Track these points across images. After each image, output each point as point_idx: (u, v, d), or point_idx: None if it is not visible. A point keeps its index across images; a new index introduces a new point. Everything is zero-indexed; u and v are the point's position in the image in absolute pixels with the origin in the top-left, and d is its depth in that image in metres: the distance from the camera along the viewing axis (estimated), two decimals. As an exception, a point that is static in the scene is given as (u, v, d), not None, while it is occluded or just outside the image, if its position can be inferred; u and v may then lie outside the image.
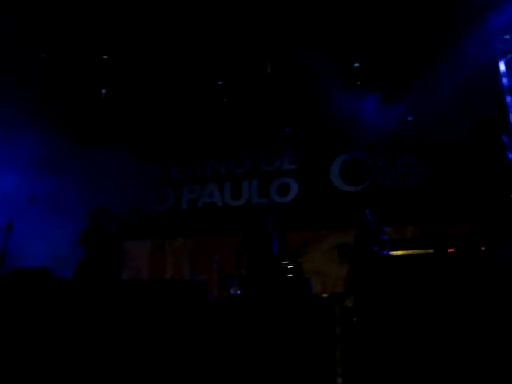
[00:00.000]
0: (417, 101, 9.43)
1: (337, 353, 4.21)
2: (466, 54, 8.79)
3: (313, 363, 4.22)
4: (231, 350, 4.48)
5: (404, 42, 8.80)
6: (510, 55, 8.95)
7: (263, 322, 4.62)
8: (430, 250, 6.60)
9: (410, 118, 9.85)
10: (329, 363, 4.19)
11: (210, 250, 9.48)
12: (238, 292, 7.42)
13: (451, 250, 6.46)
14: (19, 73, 8.98)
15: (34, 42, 8.88)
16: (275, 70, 9.99)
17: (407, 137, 9.78)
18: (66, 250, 8.09)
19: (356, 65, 9.73)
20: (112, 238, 7.51)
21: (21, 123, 9.19)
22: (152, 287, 4.87)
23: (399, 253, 6.78)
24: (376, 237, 7.47)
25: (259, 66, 9.97)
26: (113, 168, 10.02)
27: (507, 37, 8.79)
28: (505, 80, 9.07)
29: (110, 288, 5.08)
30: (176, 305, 4.56)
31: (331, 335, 4.30)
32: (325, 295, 5.75)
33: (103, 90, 10.45)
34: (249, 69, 10.00)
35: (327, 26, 8.96)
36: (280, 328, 4.52)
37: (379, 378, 4.02)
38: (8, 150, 9.22)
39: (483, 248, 6.39)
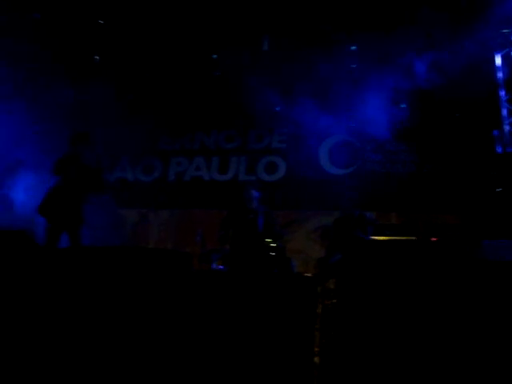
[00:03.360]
0: (411, 89, 9.43)
1: (316, 332, 4.24)
2: (461, 46, 8.81)
3: (291, 342, 4.26)
4: (212, 324, 4.50)
5: (402, 27, 8.77)
6: (507, 49, 8.97)
7: (244, 298, 4.64)
8: (413, 238, 6.66)
9: (402, 106, 9.85)
10: (307, 342, 4.23)
11: (195, 223, 9.51)
12: (220, 267, 7.44)
13: (434, 238, 6.52)
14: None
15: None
16: (271, 46, 9.97)
17: (399, 124, 9.77)
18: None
19: (353, 48, 9.72)
20: (86, 170, 6.96)
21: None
22: (135, 255, 4.85)
23: (382, 238, 6.83)
24: (359, 222, 7.51)
25: (255, 41, 9.95)
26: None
27: (505, 31, 8.81)
28: (500, 74, 9.11)
29: (91, 253, 5.05)
30: (159, 274, 4.56)
31: (311, 314, 4.34)
32: (307, 274, 5.78)
33: (96, 57, 10.38)
34: (244, 44, 9.96)
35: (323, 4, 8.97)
36: (260, 304, 4.55)
37: (357, 358, 4.07)
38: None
39: (466, 239, 6.46)
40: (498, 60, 9.13)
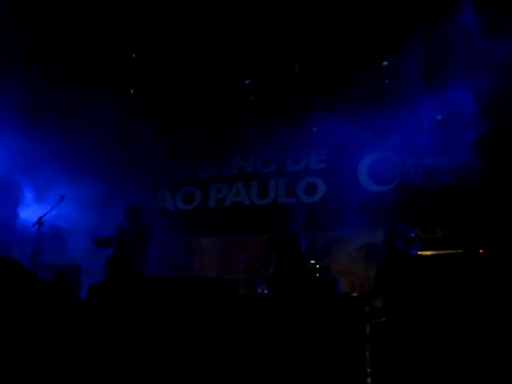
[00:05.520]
0: (445, 99, 9.33)
1: (366, 352, 4.18)
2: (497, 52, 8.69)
3: (342, 363, 4.20)
4: (259, 348, 4.47)
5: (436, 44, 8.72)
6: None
7: (292, 321, 4.61)
8: (460, 251, 6.55)
9: (438, 118, 9.74)
10: (358, 363, 4.17)
11: (237, 249, 9.50)
12: (266, 291, 7.40)
13: (481, 250, 6.39)
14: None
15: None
16: (302, 69, 9.99)
17: (436, 136, 9.65)
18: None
19: (384, 63, 9.68)
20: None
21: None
22: (179, 284, 4.86)
23: (428, 253, 6.74)
24: (403, 236, 7.41)
25: (287, 64, 9.98)
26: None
27: None
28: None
29: (136, 284, 5.09)
30: (205, 302, 4.55)
31: (361, 335, 4.28)
32: (354, 294, 5.72)
33: (131, 90, 10.54)
34: (276, 67, 10.01)
35: (354, 21, 8.95)
36: (309, 327, 4.50)
37: (409, 378, 3.98)
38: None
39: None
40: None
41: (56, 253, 9.24)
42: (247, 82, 10.49)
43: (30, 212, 9.36)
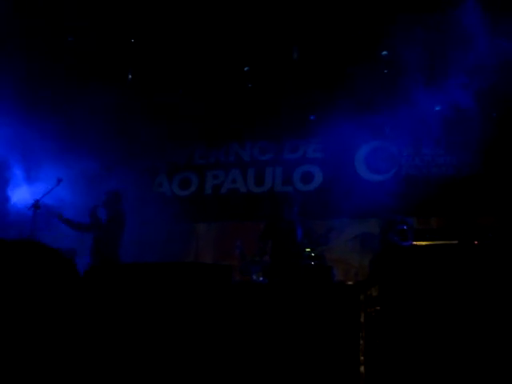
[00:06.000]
0: (444, 91, 9.32)
1: (360, 341, 4.20)
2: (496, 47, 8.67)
3: (336, 351, 4.22)
4: (254, 336, 4.49)
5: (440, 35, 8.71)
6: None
7: (286, 309, 4.62)
8: (455, 241, 6.58)
9: (437, 108, 9.74)
10: (352, 351, 4.19)
11: (233, 236, 9.51)
12: (261, 279, 7.44)
13: (476, 242, 6.43)
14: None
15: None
16: (301, 56, 9.97)
17: (434, 127, 9.65)
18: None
19: (384, 53, 9.66)
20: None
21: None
22: (175, 270, 4.87)
23: (423, 243, 6.76)
24: (397, 228, 7.43)
25: (286, 52, 9.96)
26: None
27: None
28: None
29: (131, 270, 5.08)
30: (200, 288, 4.56)
31: (355, 323, 4.30)
32: (349, 283, 5.75)
33: (129, 75, 10.51)
34: (275, 55, 9.98)
35: (355, 10, 8.93)
36: (303, 315, 4.52)
37: (402, 367, 4.01)
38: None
39: (509, 241, 6.35)
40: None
41: (50, 235, 9.21)
42: (246, 69, 10.47)
43: (22, 194, 9.30)
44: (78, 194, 9.22)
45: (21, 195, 9.37)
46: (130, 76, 10.51)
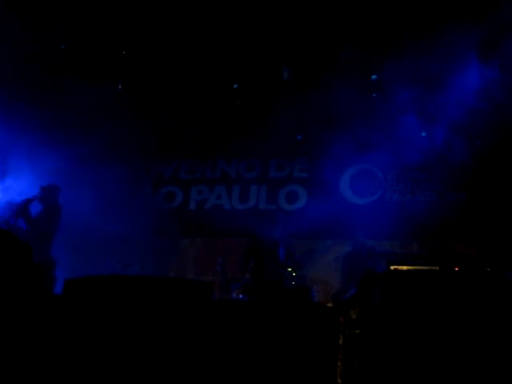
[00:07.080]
0: (430, 118, 9.43)
1: (338, 363, 4.20)
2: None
3: (314, 372, 4.21)
4: (232, 355, 4.46)
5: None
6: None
7: (264, 328, 4.61)
8: (436, 267, 6.61)
9: (423, 134, 9.83)
10: (330, 373, 4.18)
11: (215, 252, 9.49)
12: (240, 296, 7.42)
13: (457, 268, 6.46)
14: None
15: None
16: (291, 76, 10.03)
17: (419, 152, 9.72)
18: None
19: (373, 77, 9.74)
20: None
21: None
22: (156, 285, 4.84)
23: (404, 267, 6.78)
24: (370, 253, 7.49)
25: (276, 71, 10.01)
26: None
27: None
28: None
29: (111, 283, 5.04)
30: (180, 304, 4.54)
31: (333, 345, 4.29)
32: (329, 305, 5.75)
33: (119, 86, 10.50)
34: (265, 74, 10.03)
35: (345, 33, 9.00)
36: (281, 335, 4.51)
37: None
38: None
39: (489, 269, 6.39)
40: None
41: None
42: (235, 86, 10.51)
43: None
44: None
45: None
46: (120, 87, 10.49)
